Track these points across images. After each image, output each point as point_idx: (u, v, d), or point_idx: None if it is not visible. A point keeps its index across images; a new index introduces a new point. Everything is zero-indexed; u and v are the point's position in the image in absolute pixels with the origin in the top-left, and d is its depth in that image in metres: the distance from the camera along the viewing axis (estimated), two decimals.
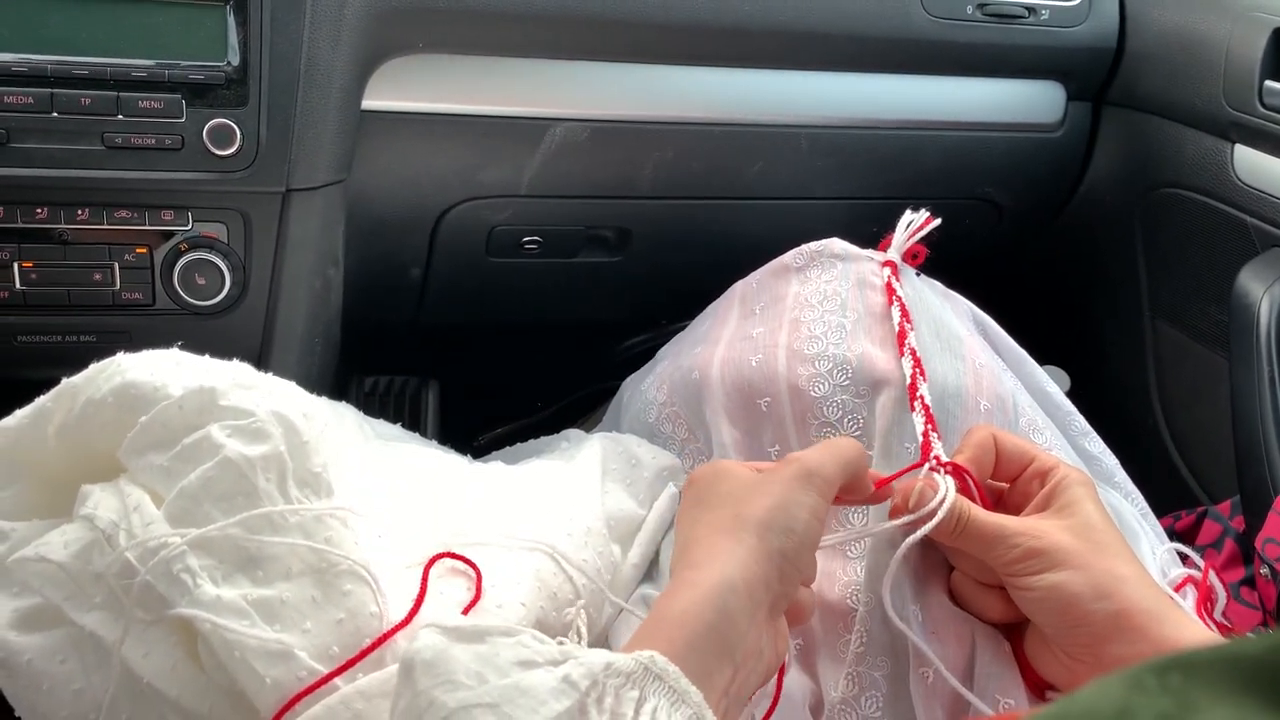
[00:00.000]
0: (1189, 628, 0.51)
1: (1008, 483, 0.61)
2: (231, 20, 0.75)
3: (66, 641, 0.52)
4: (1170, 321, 1.07)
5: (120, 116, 0.73)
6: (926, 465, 0.60)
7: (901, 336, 0.66)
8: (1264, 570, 0.74)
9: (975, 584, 0.59)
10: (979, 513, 0.56)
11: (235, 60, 0.75)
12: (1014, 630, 0.59)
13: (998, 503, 0.61)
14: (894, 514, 0.58)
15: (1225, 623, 0.68)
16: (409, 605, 0.56)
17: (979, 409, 0.66)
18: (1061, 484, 0.57)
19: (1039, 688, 0.57)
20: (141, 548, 0.51)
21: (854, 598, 0.60)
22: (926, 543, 0.59)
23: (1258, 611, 0.75)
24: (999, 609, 0.57)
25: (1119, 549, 0.54)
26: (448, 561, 0.59)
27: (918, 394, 0.63)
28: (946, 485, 0.57)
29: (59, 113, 0.72)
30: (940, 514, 0.56)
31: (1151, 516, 0.74)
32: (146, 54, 0.74)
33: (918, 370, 0.64)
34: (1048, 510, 0.57)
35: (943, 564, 0.61)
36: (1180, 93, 1.00)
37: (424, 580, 0.57)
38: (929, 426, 0.62)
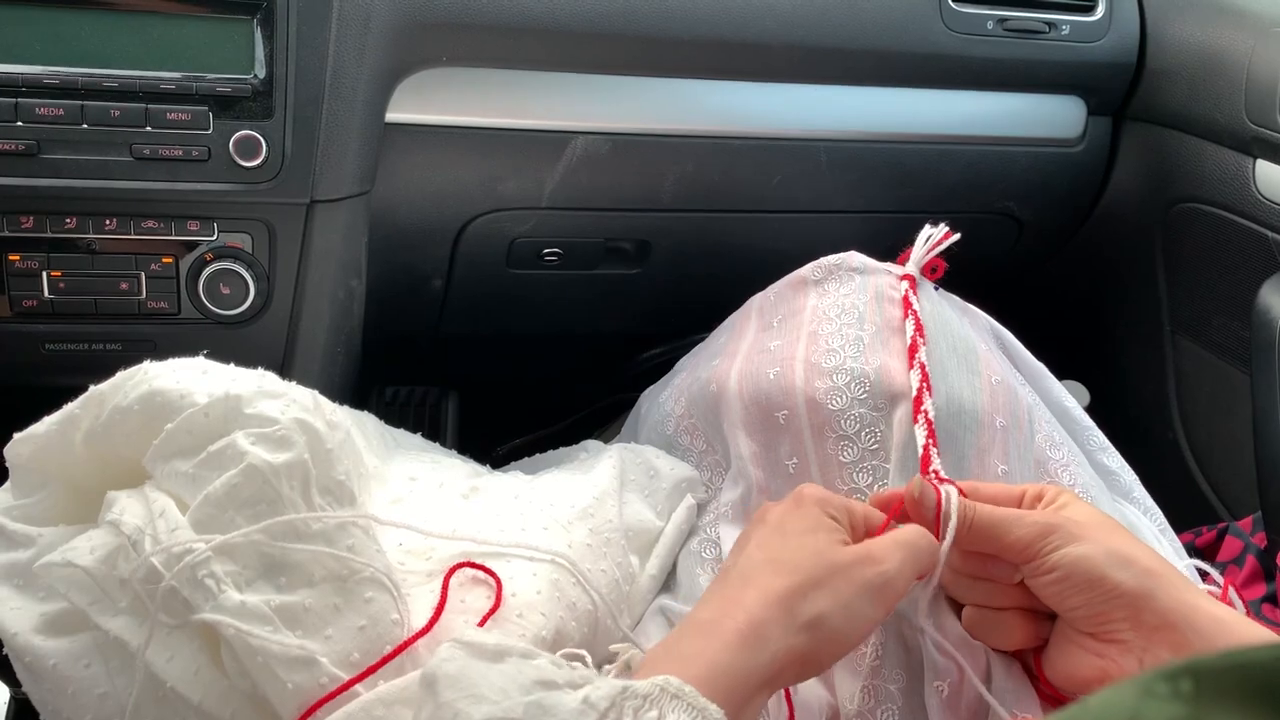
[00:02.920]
0: (1207, 596, 0.51)
1: None
2: (258, 34, 0.76)
3: (92, 646, 0.53)
4: (1191, 336, 1.07)
5: (148, 128, 0.74)
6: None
7: (912, 350, 0.66)
8: None
9: (987, 612, 0.58)
10: (983, 505, 0.56)
11: (261, 73, 0.76)
12: (1028, 654, 0.58)
13: None
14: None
15: None
16: (429, 613, 0.56)
17: (995, 425, 0.66)
18: (1051, 494, 0.58)
19: (1056, 705, 0.57)
20: (166, 553, 0.51)
21: None
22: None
23: (1279, 629, 0.75)
24: (1016, 635, 0.57)
25: (1126, 530, 0.55)
26: (468, 570, 0.59)
27: (922, 408, 0.63)
28: (949, 493, 0.57)
29: (89, 124, 0.73)
30: (954, 517, 0.56)
31: (1170, 532, 0.74)
32: (175, 67, 0.75)
33: (924, 385, 0.64)
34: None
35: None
36: (1201, 107, 1.00)
37: (444, 589, 0.57)
38: (930, 441, 0.62)
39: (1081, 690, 0.56)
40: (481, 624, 0.56)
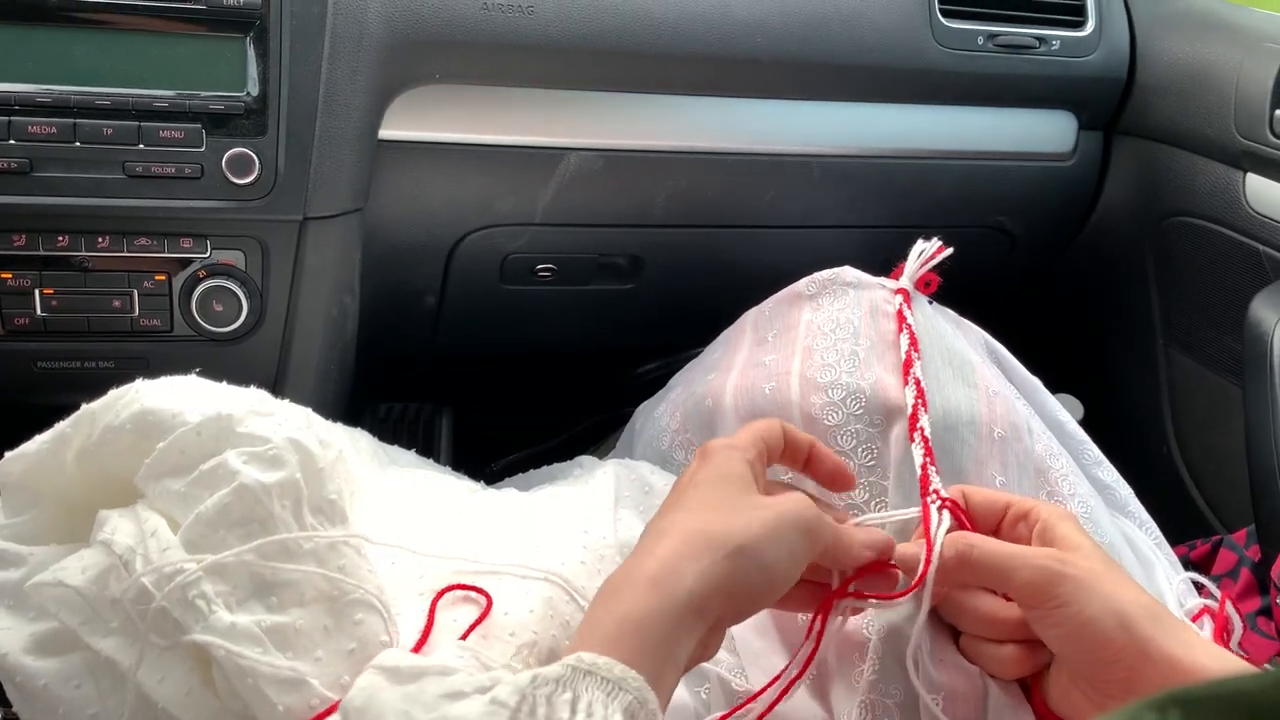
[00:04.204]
0: (1214, 650, 0.51)
1: (990, 535, 0.60)
2: (251, 52, 0.76)
3: (82, 666, 0.52)
4: (1183, 350, 1.07)
5: (141, 146, 0.74)
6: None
7: (907, 365, 0.66)
8: None
9: (984, 643, 0.57)
10: (989, 540, 0.56)
11: (254, 91, 0.76)
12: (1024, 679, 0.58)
13: None
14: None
15: (1242, 653, 0.67)
16: (420, 634, 0.56)
17: (993, 436, 0.66)
18: (1047, 523, 0.56)
19: None
20: (158, 573, 0.51)
21: (868, 628, 0.60)
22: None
23: (1274, 642, 0.75)
24: (1012, 667, 0.56)
25: (1126, 575, 0.54)
26: (460, 590, 0.59)
27: (918, 425, 0.63)
28: (942, 518, 0.57)
29: (82, 142, 0.73)
30: (939, 539, 0.55)
31: (1166, 546, 0.74)
32: (168, 85, 0.75)
33: (919, 401, 0.64)
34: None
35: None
36: (1191, 122, 1.01)
37: (431, 612, 0.57)
38: (927, 459, 0.62)
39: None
40: (464, 637, 0.56)
